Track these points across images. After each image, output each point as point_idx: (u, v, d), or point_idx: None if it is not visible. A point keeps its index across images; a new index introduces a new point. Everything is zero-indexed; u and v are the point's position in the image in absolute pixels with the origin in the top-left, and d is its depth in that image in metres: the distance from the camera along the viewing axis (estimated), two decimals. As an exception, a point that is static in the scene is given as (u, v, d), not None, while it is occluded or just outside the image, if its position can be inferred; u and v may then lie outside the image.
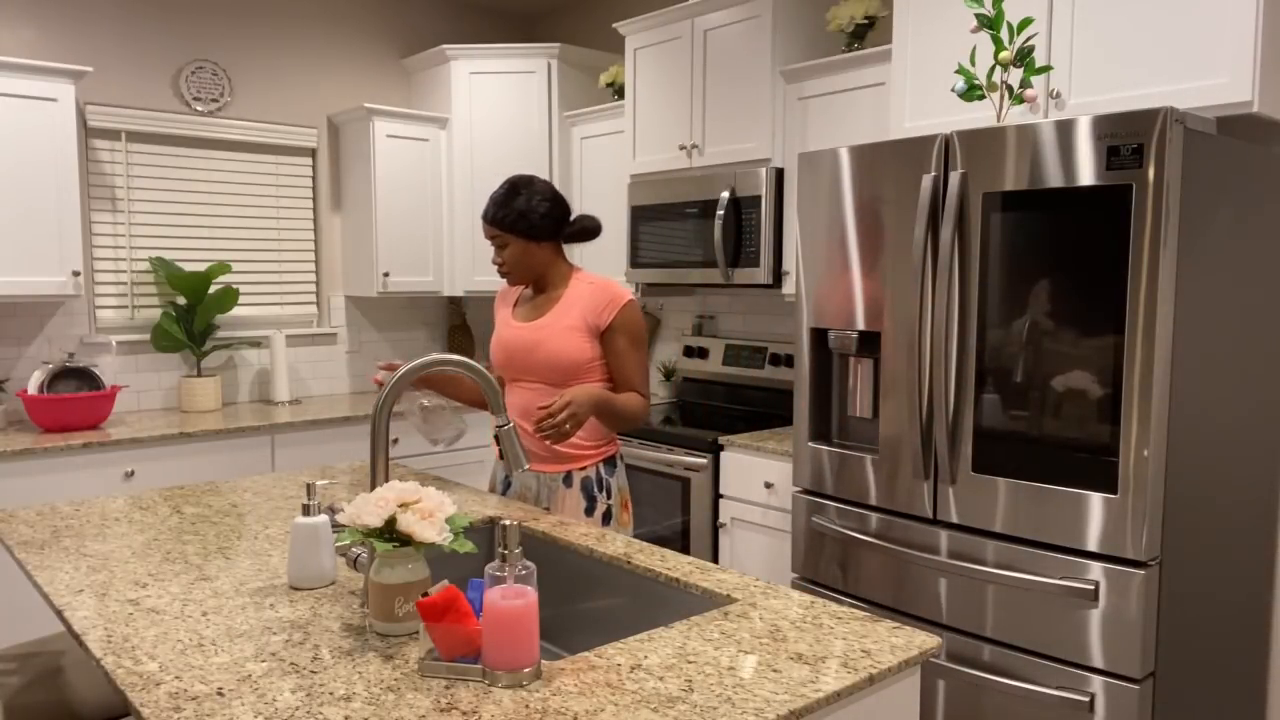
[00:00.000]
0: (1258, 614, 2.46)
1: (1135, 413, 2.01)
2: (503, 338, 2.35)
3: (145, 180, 3.96)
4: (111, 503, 2.27)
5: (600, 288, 2.27)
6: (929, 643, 1.42)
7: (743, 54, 3.45)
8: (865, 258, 2.51)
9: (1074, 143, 2.07)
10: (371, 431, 1.62)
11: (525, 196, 2.27)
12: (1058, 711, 2.16)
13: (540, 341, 2.26)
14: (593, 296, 2.26)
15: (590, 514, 2.30)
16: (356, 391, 4.61)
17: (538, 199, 2.27)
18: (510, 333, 2.34)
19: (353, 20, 4.52)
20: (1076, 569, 2.11)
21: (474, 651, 1.30)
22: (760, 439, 3.22)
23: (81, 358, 3.79)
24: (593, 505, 2.29)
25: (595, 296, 2.26)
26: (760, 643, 1.42)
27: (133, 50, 3.89)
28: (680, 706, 1.21)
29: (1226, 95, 2.18)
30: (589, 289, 2.28)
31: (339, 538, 1.49)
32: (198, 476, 3.51)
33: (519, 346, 2.30)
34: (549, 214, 2.28)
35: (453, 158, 4.43)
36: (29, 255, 3.36)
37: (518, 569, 1.28)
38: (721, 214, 3.41)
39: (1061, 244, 2.10)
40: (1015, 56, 2.29)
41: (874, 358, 2.54)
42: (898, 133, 2.84)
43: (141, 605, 1.56)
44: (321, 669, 1.32)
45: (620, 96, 4.27)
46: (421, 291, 4.43)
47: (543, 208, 2.27)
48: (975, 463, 2.29)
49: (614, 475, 2.34)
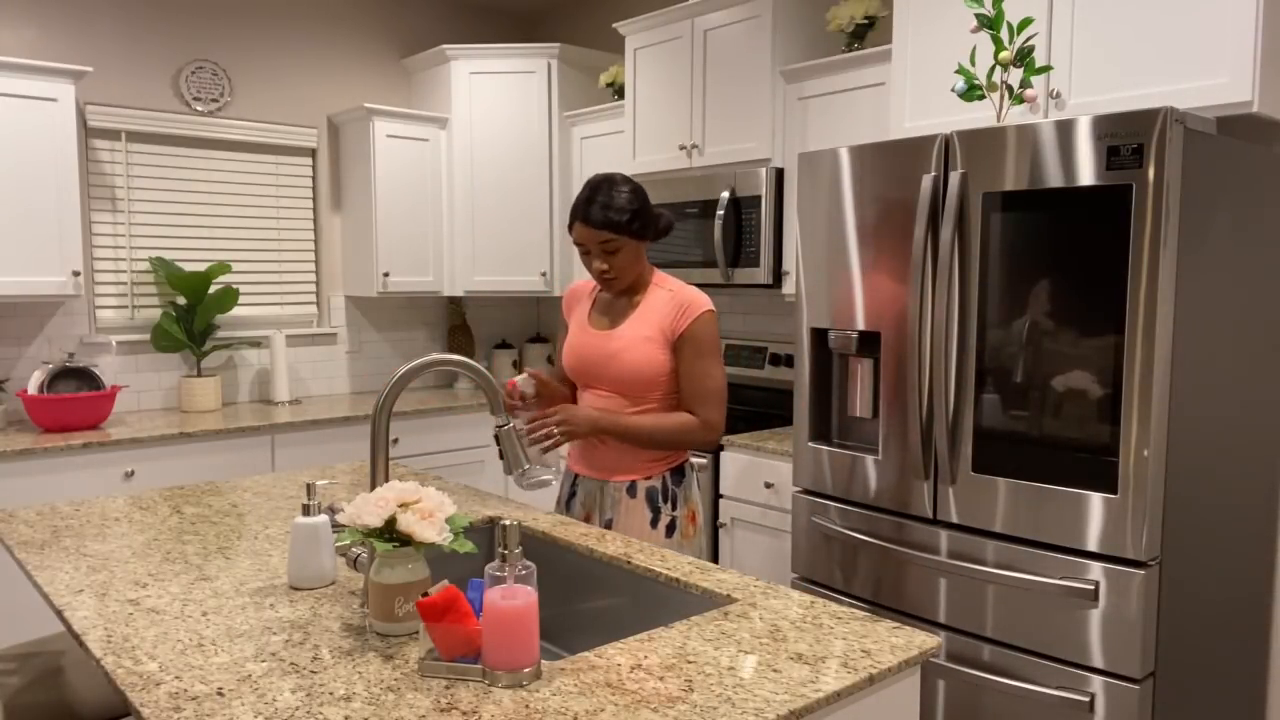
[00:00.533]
0: (1258, 614, 2.46)
1: (1135, 413, 2.01)
2: (577, 344, 2.24)
3: (145, 180, 3.97)
4: (111, 503, 2.27)
5: (678, 294, 2.17)
6: (929, 643, 1.42)
7: (743, 54, 3.45)
8: (865, 258, 2.51)
9: (1074, 143, 2.07)
10: (371, 431, 1.62)
11: (628, 194, 2.13)
12: (1058, 711, 2.16)
13: (617, 352, 2.16)
14: (671, 303, 2.16)
15: (655, 525, 2.20)
16: (356, 391, 4.61)
17: (639, 198, 2.14)
18: (586, 340, 2.23)
19: (353, 20, 4.52)
20: (1076, 569, 2.11)
21: (474, 651, 1.30)
22: (760, 439, 3.22)
23: (81, 358, 3.79)
24: (657, 516, 2.20)
25: (672, 303, 2.16)
26: (760, 643, 1.42)
27: (133, 50, 3.89)
28: (680, 706, 1.21)
29: (1226, 95, 2.18)
30: (667, 296, 2.18)
31: (339, 538, 1.49)
32: (198, 476, 3.51)
33: (595, 356, 2.20)
34: (645, 208, 2.16)
35: (453, 158, 4.43)
36: (29, 255, 3.36)
37: (518, 569, 1.28)
38: (721, 214, 3.41)
39: (1061, 244, 2.10)
40: (1015, 56, 2.29)
41: (874, 358, 2.54)
42: (898, 133, 2.84)
43: (141, 605, 1.56)
44: (321, 669, 1.32)
45: (620, 96, 4.27)
46: (421, 291, 4.43)
47: (643, 202, 2.15)
48: (975, 463, 2.28)
49: (681, 486, 2.24)
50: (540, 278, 4.46)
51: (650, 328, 2.16)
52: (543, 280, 4.45)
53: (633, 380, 2.15)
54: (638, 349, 2.15)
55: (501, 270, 4.47)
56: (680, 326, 2.15)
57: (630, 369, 2.15)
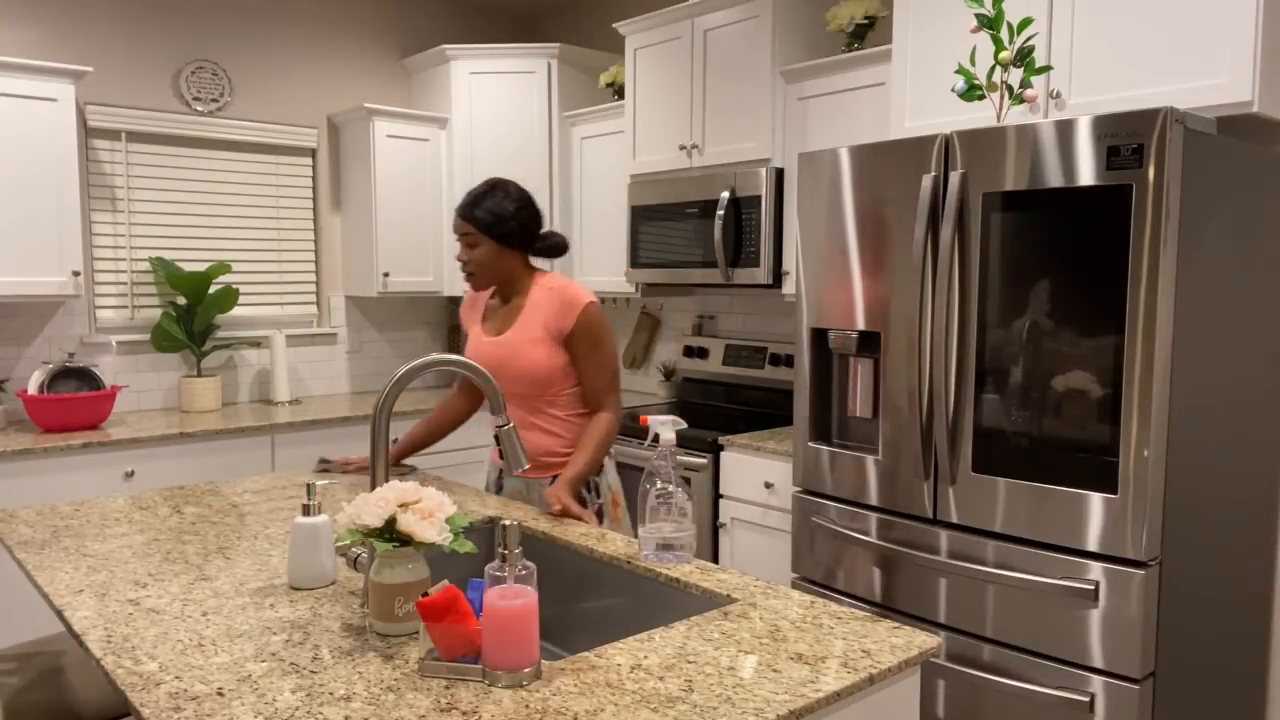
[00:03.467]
0: (1258, 614, 2.46)
1: (1135, 413, 2.01)
2: (475, 353, 2.35)
3: (145, 180, 3.96)
4: (111, 503, 2.27)
5: (559, 293, 2.26)
6: (929, 643, 1.42)
7: (743, 54, 3.45)
8: (865, 258, 2.51)
9: (1074, 143, 2.07)
10: (371, 431, 1.62)
11: (501, 199, 2.25)
12: (1058, 711, 2.16)
13: (509, 357, 2.26)
14: (552, 303, 2.25)
15: None
16: (356, 391, 4.61)
17: (513, 205, 2.25)
18: (481, 347, 2.33)
19: (353, 20, 4.52)
20: (1076, 569, 2.11)
21: (474, 651, 1.30)
22: (760, 439, 3.22)
23: (81, 358, 3.79)
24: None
25: (554, 302, 2.25)
26: (760, 643, 1.42)
27: (133, 50, 3.89)
28: (680, 706, 1.21)
29: (1226, 95, 2.18)
30: (548, 295, 2.26)
31: (339, 538, 1.49)
32: (198, 476, 3.51)
33: (491, 362, 2.30)
34: (524, 223, 2.27)
35: (453, 158, 4.43)
36: (29, 255, 3.36)
37: (518, 569, 1.28)
38: (721, 214, 3.41)
39: (1061, 244, 2.10)
40: (1015, 56, 2.29)
41: (874, 358, 2.54)
42: (898, 133, 2.84)
43: (141, 605, 1.56)
44: (321, 669, 1.32)
45: (620, 96, 4.27)
46: (421, 291, 4.43)
47: (519, 215, 2.26)
48: (975, 463, 2.29)
49: (601, 475, 2.34)
50: (540, 278, 4.45)
51: (535, 329, 2.25)
52: (543, 280, 4.45)
53: (531, 380, 2.26)
54: (528, 351, 2.24)
55: (501, 270, 4.46)
56: (566, 324, 2.24)
57: (526, 371, 2.25)
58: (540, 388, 2.27)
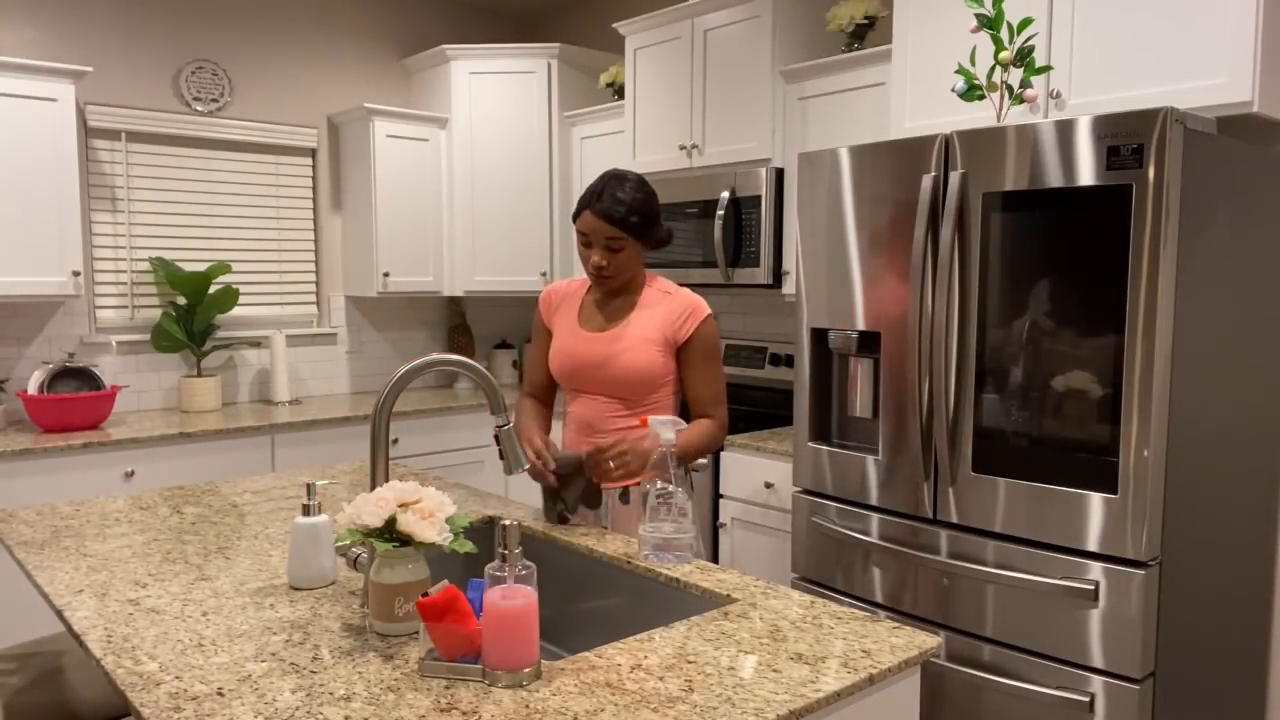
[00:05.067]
0: (1258, 614, 2.46)
1: (1135, 413, 2.01)
2: (568, 348, 2.20)
3: (145, 180, 3.96)
4: (111, 503, 2.27)
5: (679, 298, 2.15)
6: (929, 643, 1.42)
7: (743, 54, 3.45)
8: (865, 258, 2.51)
9: (1074, 143, 2.07)
10: (371, 431, 1.62)
11: (643, 197, 2.10)
12: (1058, 711, 2.16)
13: (615, 354, 2.13)
14: (672, 307, 2.14)
15: None
16: (356, 391, 4.61)
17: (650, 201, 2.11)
18: (577, 343, 2.18)
19: (353, 20, 4.52)
20: (1076, 569, 2.11)
21: (474, 651, 1.30)
22: (760, 439, 3.22)
23: (81, 358, 3.79)
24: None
25: (675, 307, 2.14)
26: (760, 643, 1.42)
27: (133, 50, 3.89)
28: (680, 706, 1.21)
29: (1226, 95, 2.18)
30: (666, 299, 2.16)
31: (339, 538, 1.49)
32: (198, 476, 3.51)
33: (589, 359, 2.16)
34: (658, 218, 2.15)
35: (453, 158, 4.43)
36: (29, 255, 3.36)
37: (518, 569, 1.28)
38: (721, 214, 3.41)
39: (1061, 244, 2.10)
40: (1015, 56, 2.29)
41: (874, 358, 2.54)
42: (898, 133, 2.84)
43: (141, 605, 1.56)
44: (321, 669, 1.32)
45: (620, 96, 4.27)
46: (421, 291, 4.43)
47: (658, 209, 2.14)
48: (975, 463, 2.28)
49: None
50: (540, 277, 4.46)
51: (652, 330, 2.13)
52: (543, 280, 4.45)
53: (632, 382, 2.13)
54: (637, 350, 2.12)
55: (501, 270, 4.47)
56: (685, 332, 2.13)
57: (630, 371, 2.12)
58: (640, 390, 2.14)
